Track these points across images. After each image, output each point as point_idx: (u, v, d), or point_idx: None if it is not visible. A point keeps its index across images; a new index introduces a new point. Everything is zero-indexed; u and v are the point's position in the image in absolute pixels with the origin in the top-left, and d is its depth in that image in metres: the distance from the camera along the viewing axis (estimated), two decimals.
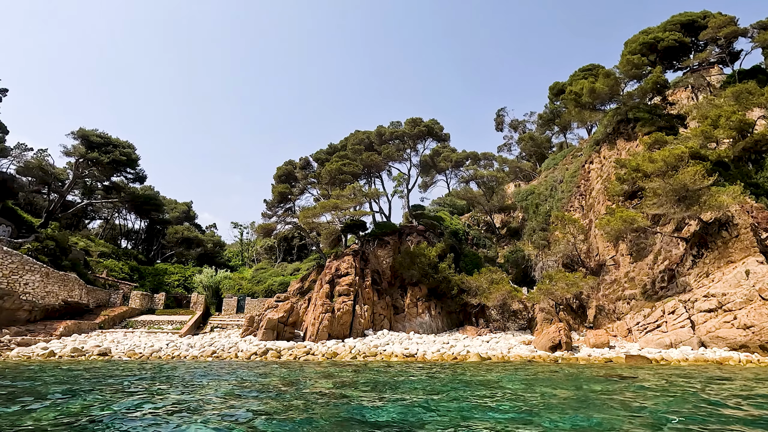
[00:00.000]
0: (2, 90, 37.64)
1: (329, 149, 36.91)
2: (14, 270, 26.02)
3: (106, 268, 38.38)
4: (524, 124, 57.37)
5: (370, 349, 21.33)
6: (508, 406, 7.62)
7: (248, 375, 13.35)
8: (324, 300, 24.78)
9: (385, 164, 36.68)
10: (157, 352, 21.23)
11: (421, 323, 27.57)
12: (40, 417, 6.65)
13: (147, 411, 7.31)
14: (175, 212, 57.56)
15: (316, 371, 14.65)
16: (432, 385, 10.52)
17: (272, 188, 36.58)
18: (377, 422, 6.40)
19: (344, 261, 27.94)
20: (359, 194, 29.81)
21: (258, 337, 24.15)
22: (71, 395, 8.84)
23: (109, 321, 29.48)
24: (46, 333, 24.72)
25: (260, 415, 6.99)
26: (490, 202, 40.00)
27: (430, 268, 29.17)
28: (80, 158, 38.99)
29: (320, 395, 9.07)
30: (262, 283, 40.93)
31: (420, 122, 33.53)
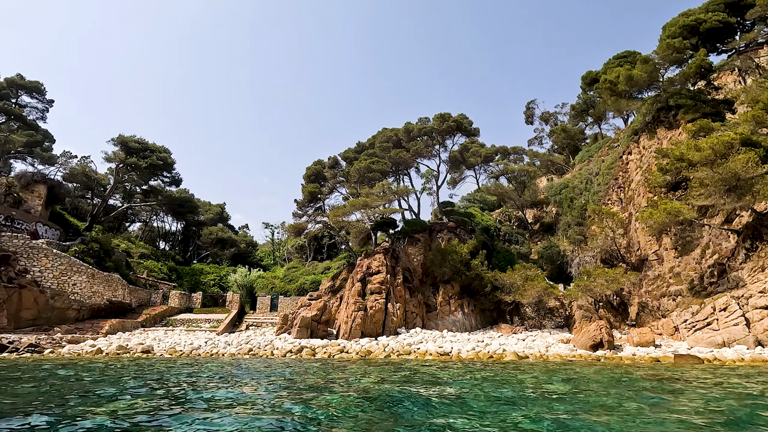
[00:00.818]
0: (49, 101, 39.71)
1: (357, 148, 36.98)
2: (63, 271, 27.41)
3: (147, 268, 39.92)
4: (555, 116, 55.71)
5: (403, 348, 21.21)
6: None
7: (289, 372, 13.46)
8: (356, 298, 24.83)
9: (413, 161, 36.42)
10: (196, 350, 21.85)
11: (454, 321, 27.21)
12: (118, 407, 6.97)
13: (205, 405, 7.50)
14: (209, 214, 59.28)
15: (353, 369, 14.64)
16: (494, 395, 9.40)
17: (302, 188, 37.02)
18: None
19: (375, 259, 27.91)
20: (389, 192, 29.70)
21: (292, 335, 24.47)
22: (132, 389, 9.17)
23: (151, 319, 30.61)
24: (93, 331, 25.91)
25: (313, 410, 7.00)
26: (521, 197, 39.05)
27: (461, 265, 28.73)
28: (120, 164, 40.69)
29: (365, 394, 9.00)
30: (293, 282, 41.56)
31: (448, 117, 33.06)
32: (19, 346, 20.25)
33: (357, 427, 5.87)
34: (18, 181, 32.91)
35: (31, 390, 9.27)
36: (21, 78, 38.00)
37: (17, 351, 19.88)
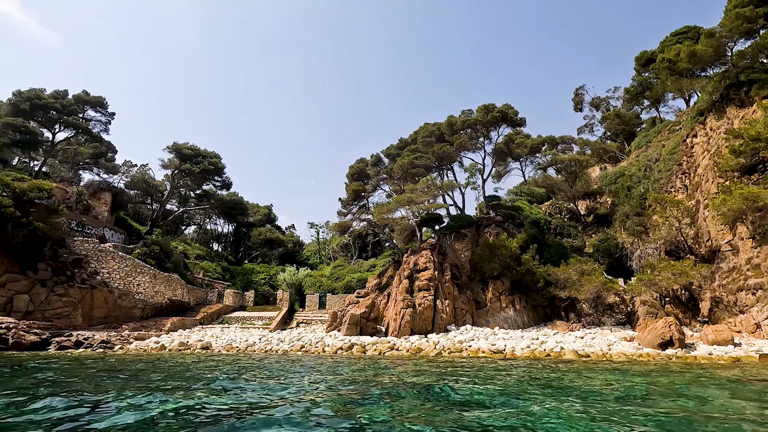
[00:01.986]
0: (110, 114, 42.55)
1: (400, 144, 36.76)
2: (129, 272, 29.24)
3: (202, 269, 41.88)
4: (607, 102, 52.57)
5: (454, 345, 20.77)
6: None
7: (347, 369, 13.43)
8: (404, 295, 24.64)
9: (457, 155, 35.68)
10: (251, 346, 22.55)
11: (505, 318, 26.35)
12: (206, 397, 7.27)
13: (276, 400, 7.63)
14: (257, 215, 61.32)
15: (408, 367, 14.43)
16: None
17: (346, 186, 37.32)
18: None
19: (422, 256, 27.57)
20: (433, 187, 29.23)
21: (342, 333, 24.68)
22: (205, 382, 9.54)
23: (208, 317, 32.03)
24: (156, 328, 27.46)
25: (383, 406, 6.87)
26: (573, 188, 37.17)
27: (511, 260, 27.77)
28: (175, 170, 42.90)
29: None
30: (340, 280, 42.06)
31: (493, 108, 32.01)
32: (92, 342, 21.79)
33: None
34: (87, 190, 35.52)
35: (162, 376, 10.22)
36: (86, 94, 40.99)
37: (91, 347, 21.39)
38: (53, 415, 6.11)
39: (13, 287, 24.26)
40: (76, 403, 6.98)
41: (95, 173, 45.46)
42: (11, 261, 24.94)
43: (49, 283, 25.38)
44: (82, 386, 9.29)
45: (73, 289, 25.93)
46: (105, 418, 5.95)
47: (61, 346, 20.66)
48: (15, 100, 37.97)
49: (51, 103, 38.16)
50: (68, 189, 33.40)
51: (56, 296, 25.20)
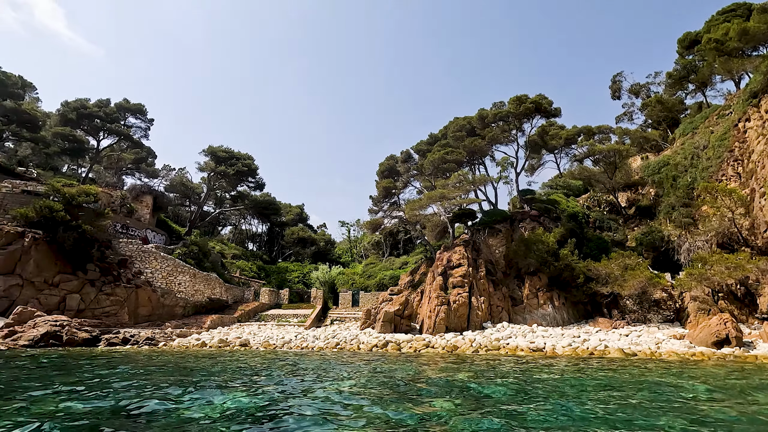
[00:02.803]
0: (150, 120, 44.30)
1: (430, 139, 36.32)
2: (170, 272, 30.34)
3: (239, 268, 42.98)
4: (647, 88, 49.94)
5: (491, 343, 20.30)
6: None
7: (389, 366, 13.31)
8: (438, 292, 24.32)
9: (488, 148, 34.88)
10: (287, 343, 22.87)
11: (543, 315, 25.55)
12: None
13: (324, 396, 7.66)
14: (289, 215, 62.39)
15: (448, 364, 14.17)
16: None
17: (376, 184, 37.26)
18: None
19: (455, 252, 27.13)
20: (465, 182, 28.69)
21: (376, 330, 24.64)
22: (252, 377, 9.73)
23: (245, 315, 32.80)
24: (197, 326, 28.33)
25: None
26: (612, 180, 35.57)
27: (549, 255, 26.88)
28: (211, 172, 44.22)
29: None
30: (372, 278, 42.12)
31: (525, 99, 31.04)
32: (138, 339, 22.71)
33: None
34: (130, 194, 37.14)
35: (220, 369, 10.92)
36: (127, 102, 42.90)
37: (137, 344, 22.30)
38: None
39: (66, 287, 25.65)
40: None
41: (137, 178, 47.56)
42: (63, 262, 26.37)
43: (97, 283, 26.68)
44: (163, 380, 10.00)
45: (120, 289, 27.16)
46: (201, 407, 6.76)
47: (110, 343, 21.64)
48: (63, 111, 40.16)
49: (95, 112, 40.10)
50: (113, 193, 35.01)
51: (104, 295, 26.46)
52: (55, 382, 9.16)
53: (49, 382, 9.28)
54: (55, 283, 25.55)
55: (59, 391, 8.17)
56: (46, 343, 19.83)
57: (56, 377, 10.12)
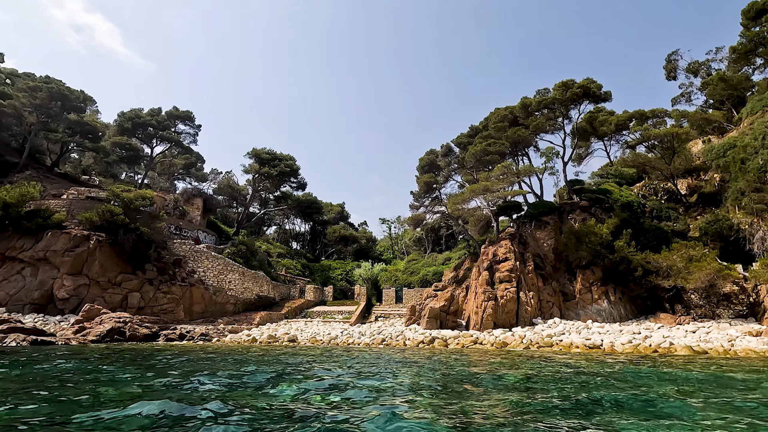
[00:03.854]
0: (198, 126, 46.29)
1: (470, 132, 35.46)
2: (221, 271, 31.52)
3: (284, 266, 44.07)
4: (707, 65, 46.13)
5: (543, 339, 19.47)
6: None
7: (439, 364, 13.01)
8: (485, 287, 23.66)
9: (533, 138, 33.53)
10: (334, 339, 23.09)
11: (598, 311, 24.23)
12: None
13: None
14: (331, 214, 63.28)
15: (504, 361, 13.67)
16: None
17: (416, 179, 36.87)
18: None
19: (501, 246, 26.31)
20: (510, 173, 27.72)
21: (422, 326, 24.37)
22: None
23: (292, 312, 33.54)
24: (247, 322, 29.27)
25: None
26: (670, 166, 33.12)
27: (602, 247, 25.45)
28: (255, 174, 45.58)
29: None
30: (415, 274, 41.84)
31: (572, 84, 29.50)
32: (194, 335, 23.75)
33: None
34: (182, 197, 39.02)
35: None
36: (176, 109, 45.06)
37: (193, 339, 23.32)
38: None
39: (127, 286, 27.27)
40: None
41: (187, 182, 49.90)
42: (124, 262, 28.06)
43: (155, 282, 28.17)
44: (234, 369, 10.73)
45: (175, 287, 28.54)
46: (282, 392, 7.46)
47: (168, 339, 22.76)
48: (120, 121, 42.77)
49: (148, 121, 42.38)
50: (166, 197, 36.89)
51: (162, 293, 27.90)
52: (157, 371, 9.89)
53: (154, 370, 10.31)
54: (118, 282, 27.23)
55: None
56: (111, 338, 21.13)
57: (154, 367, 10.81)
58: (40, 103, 35.89)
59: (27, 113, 36.03)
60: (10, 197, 26.69)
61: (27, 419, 5.18)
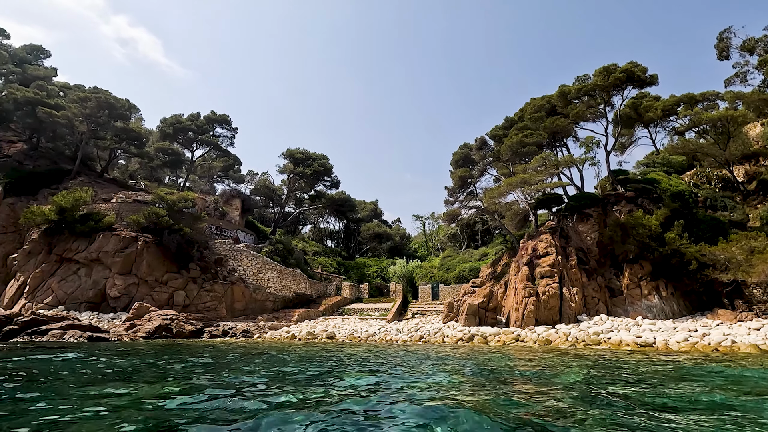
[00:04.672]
0: (234, 129, 47.61)
1: (505, 123, 34.44)
2: (260, 269, 32.24)
3: (320, 264, 44.61)
4: (765, 41, 42.64)
5: (589, 337, 18.62)
6: None
7: (489, 361, 12.67)
8: (525, 283, 22.92)
9: (572, 127, 32.17)
10: (372, 336, 23.08)
11: (648, 307, 22.93)
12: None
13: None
14: (364, 211, 63.51)
15: (555, 360, 13.14)
16: None
17: (451, 174, 36.30)
18: None
19: (541, 240, 25.42)
20: (549, 164, 26.69)
21: (460, 323, 23.93)
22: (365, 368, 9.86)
23: (329, 309, 33.87)
24: (286, 319, 29.80)
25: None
26: (725, 152, 30.88)
27: (651, 240, 24.05)
28: (290, 173, 46.37)
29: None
30: (451, 270, 41.28)
31: (614, 69, 27.97)
32: (236, 331, 24.39)
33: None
34: (221, 198, 40.26)
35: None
36: (214, 114, 46.52)
37: (235, 336, 23.95)
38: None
39: (173, 284, 28.38)
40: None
41: (226, 184, 51.43)
42: (169, 262, 29.22)
43: (198, 281, 29.18)
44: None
45: (218, 285, 29.44)
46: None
47: (212, 335, 23.50)
48: (162, 127, 44.61)
49: (188, 125, 43.97)
50: (206, 198, 38.16)
51: (205, 291, 28.86)
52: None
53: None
54: (164, 281, 28.39)
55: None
56: (160, 334, 22.03)
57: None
58: (89, 113, 37.97)
59: (78, 123, 38.22)
60: (66, 202, 28.37)
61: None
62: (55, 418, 5.02)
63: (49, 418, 5.02)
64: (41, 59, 53.62)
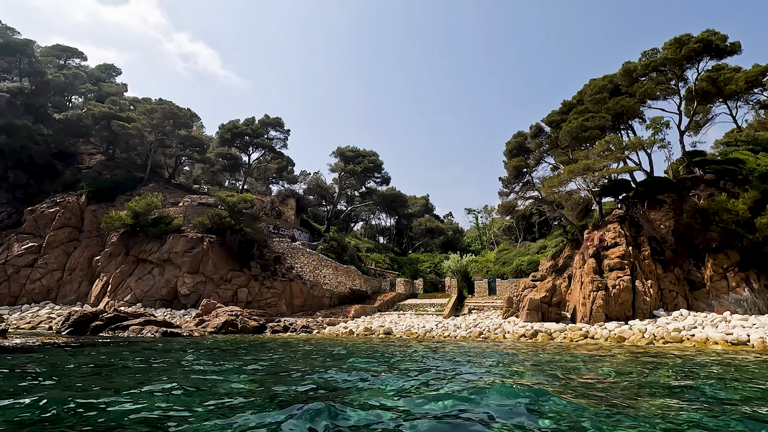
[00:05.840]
0: (287, 131, 49.03)
1: (563, 108, 32.51)
2: (316, 266, 32.93)
3: (373, 260, 44.87)
4: None
5: (669, 333, 17.05)
6: None
7: (565, 360, 11.93)
8: (592, 276, 21.48)
9: (638, 107, 29.65)
10: (429, 332, 22.74)
11: (737, 300, 20.65)
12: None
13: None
14: (415, 207, 63.07)
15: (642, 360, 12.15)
16: None
17: (505, 164, 34.93)
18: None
19: (608, 230, 23.73)
20: (616, 148, 24.78)
21: (521, 319, 22.95)
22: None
23: (384, 305, 33.93)
24: (342, 315, 30.20)
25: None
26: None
27: (738, 226, 21.62)
28: (341, 172, 47.01)
29: None
30: (508, 264, 39.87)
31: (688, 39, 25.33)
32: (296, 327, 25.04)
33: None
34: (277, 198, 41.62)
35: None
36: (267, 117, 48.21)
37: (295, 331, 24.59)
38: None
39: (236, 282, 29.71)
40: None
41: (280, 184, 53.09)
42: (232, 261, 30.62)
43: (259, 278, 30.33)
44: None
45: (277, 282, 30.43)
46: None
47: (274, 330, 24.28)
48: (220, 133, 46.90)
49: (244, 130, 45.88)
50: (264, 199, 39.61)
51: (265, 288, 29.94)
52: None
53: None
54: (228, 279, 29.79)
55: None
56: (226, 330, 23.09)
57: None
58: (156, 123, 40.73)
59: (147, 133, 41.13)
60: (139, 207, 30.61)
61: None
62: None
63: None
64: (113, 77, 58.37)
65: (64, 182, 39.23)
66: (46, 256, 32.56)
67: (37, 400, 5.45)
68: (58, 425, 4.54)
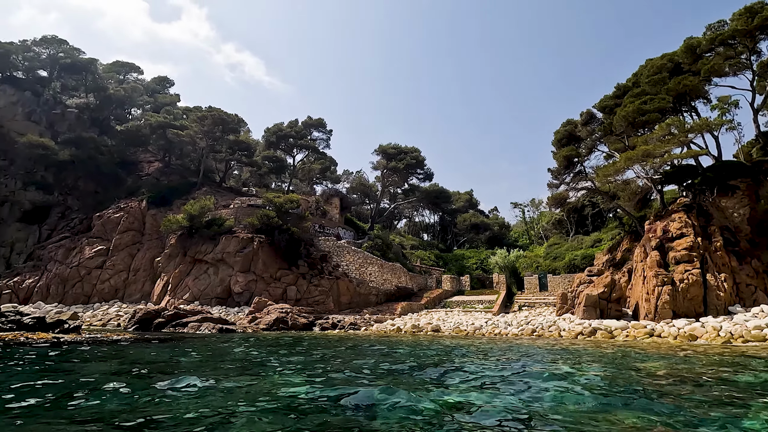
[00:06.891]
0: (329, 131, 49.74)
1: (617, 92, 30.55)
2: (361, 264, 33.12)
3: (418, 257, 44.53)
4: None
5: (748, 332, 15.49)
6: None
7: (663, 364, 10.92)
8: (656, 270, 19.98)
9: (703, 86, 27.25)
10: (479, 330, 22.16)
11: None
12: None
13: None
14: (459, 202, 61.95)
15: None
16: None
17: (554, 155, 33.32)
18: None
19: (673, 220, 22.01)
20: (680, 131, 22.92)
21: (577, 316, 21.81)
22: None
23: (431, 302, 33.53)
24: (389, 312, 30.13)
25: None
26: None
27: None
28: (383, 169, 47.01)
29: None
30: (559, 259, 38.19)
31: (761, 7, 22.87)
32: (344, 324, 25.27)
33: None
34: (321, 198, 42.33)
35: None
36: (310, 119, 49.15)
37: (343, 328, 24.81)
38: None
39: (285, 280, 30.47)
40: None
41: (324, 184, 53.98)
42: (281, 260, 31.44)
43: (307, 276, 30.93)
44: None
45: (324, 280, 30.90)
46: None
47: (322, 327, 24.65)
48: (266, 136, 48.37)
49: (288, 132, 47.03)
50: (309, 199, 40.40)
51: (313, 286, 30.48)
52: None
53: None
54: (278, 277, 30.62)
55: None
56: (277, 326, 23.71)
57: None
58: (207, 129, 42.65)
59: (199, 139, 43.18)
60: (194, 210, 32.15)
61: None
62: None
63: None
64: (167, 88, 61.80)
65: (127, 189, 42.05)
66: (113, 258, 35.00)
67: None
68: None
